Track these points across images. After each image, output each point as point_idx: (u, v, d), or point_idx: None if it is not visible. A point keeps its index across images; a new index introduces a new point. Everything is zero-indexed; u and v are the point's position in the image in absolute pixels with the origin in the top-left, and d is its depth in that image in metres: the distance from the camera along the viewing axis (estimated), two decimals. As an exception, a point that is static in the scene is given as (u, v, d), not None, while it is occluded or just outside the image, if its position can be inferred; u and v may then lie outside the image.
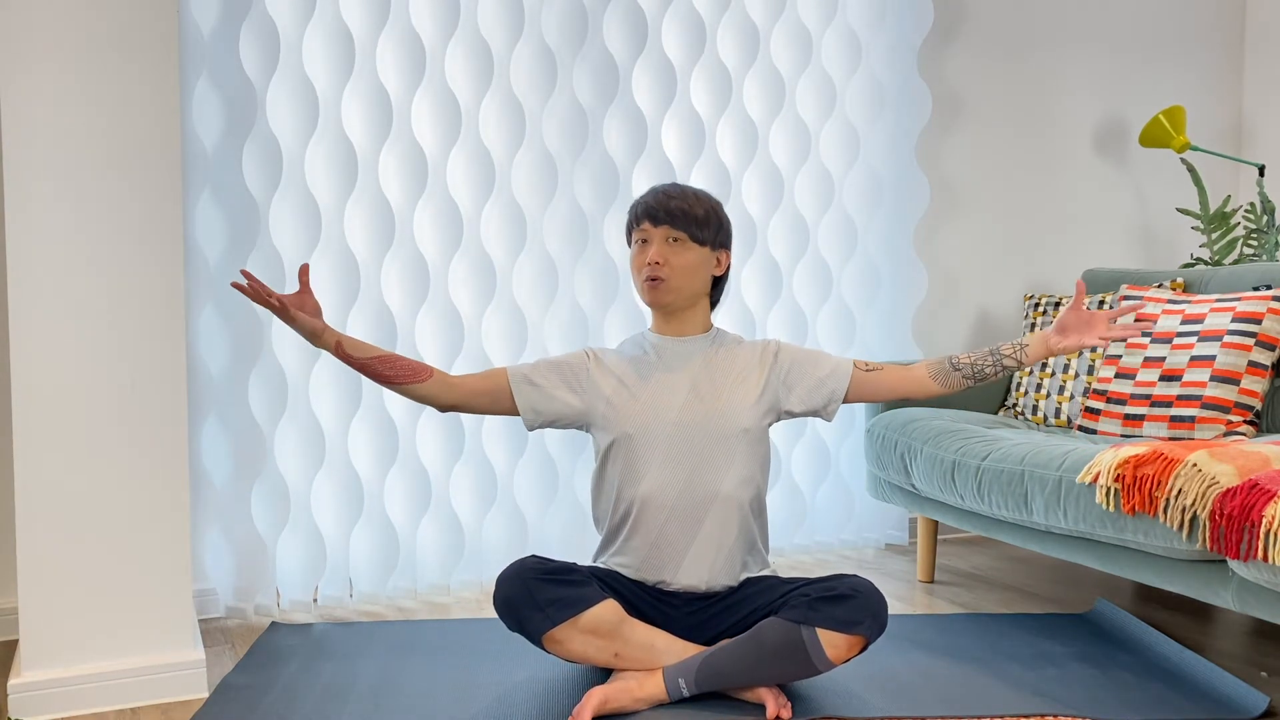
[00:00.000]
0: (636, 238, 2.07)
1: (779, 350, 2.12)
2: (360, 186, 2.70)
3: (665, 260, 2.02)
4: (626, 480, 2.04)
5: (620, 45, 2.94)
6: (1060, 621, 2.49)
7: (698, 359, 2.08)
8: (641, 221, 2.05)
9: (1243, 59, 3.78)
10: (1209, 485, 1.89)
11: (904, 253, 3.25)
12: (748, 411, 2.04)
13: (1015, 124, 3.50)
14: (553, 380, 2.09)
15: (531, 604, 1.91)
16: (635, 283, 2.09)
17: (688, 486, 2.01)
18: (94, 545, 2.02)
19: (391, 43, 2.71)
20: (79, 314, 1.99)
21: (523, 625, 1.93)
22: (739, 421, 2.03)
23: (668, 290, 2.03)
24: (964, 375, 2.09)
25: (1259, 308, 2.52)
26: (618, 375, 2.08)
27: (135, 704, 2.03)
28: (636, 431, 2.02)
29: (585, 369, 2.10)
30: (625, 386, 2.06)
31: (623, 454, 2.04)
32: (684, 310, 2.09)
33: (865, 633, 1.88)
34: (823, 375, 2.09)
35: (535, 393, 2.07)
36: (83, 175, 1.98)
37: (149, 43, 2.02)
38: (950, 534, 3.45)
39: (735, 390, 2.05)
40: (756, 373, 2.09)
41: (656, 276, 2.02)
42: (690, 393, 2.04)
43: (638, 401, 2.04)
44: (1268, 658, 2.26)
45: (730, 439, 2.02)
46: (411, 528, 2.78)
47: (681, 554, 2.01)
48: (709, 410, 2.03)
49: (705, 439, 2.02)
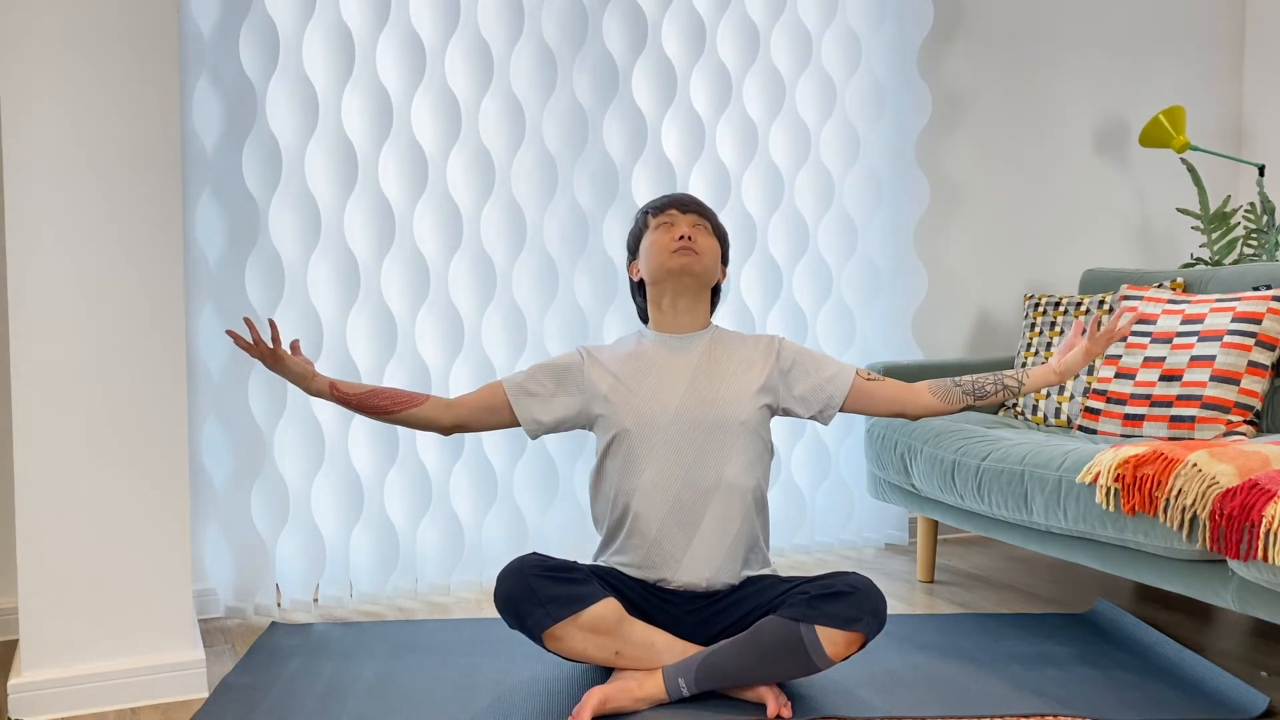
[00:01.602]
0: (658, 222, 2.11)
1: (781, 347, 2.13)
2: (360, 186, 2.70)
3: (695, 237, 2.07)
4: (625, 475, 2.04)
5: (620, 45, 2.93)
6: (1060, 621, 2.49)
7: (697, 355, 2.08)
8: (666, 209, 2.11)
9: (1243, 59, 3.78)
10: (1209, 485, 1.89)
11: (904, 253, 3.25)
12: (747, 403, 2.04)
13: (1015, 124, 3.50)
14: (549, 385, 2.09)
15: (532, 600, 1.91)
16: (654, 258, 2.08)
17: (687, 479, 2.01)
18: (94, 545, 2.02)
19: (391, 43, 2.71)
20: (79, 314, 1.99)
21: (523, 622, 1.93)
22: (738, 414, 2.03)
23: (698, 260, 2.06)
24: (964, 391, 2.09)
25: (1259, 308, 2.52)
26: (614, 372, 2.08)
27: (135, 704, 2.03)
28: (634, 426, 2.03)
29: (580, 368, 2.10)
30: (622, 382, 2.06)
31: (622, 449, 2.04)
32: (692, 299, 2.10)
33: (864, 629, 1.88)
34: (824, 378, 2.10)
35: (534, 402, 2.07)
36: (83, 175, 1.98)
37: (149, 43, 2.02)
38: (950, 534, 3.45)
39: (735, 382, 2.06)
40: (758, 366, 2.09)
41: (688, 246, 2.06)
42: (689, 387, 2.04)
43: (636, 396, 2.04)
44: (1268, 658, 2.26)
45: (730, 430, 2.02)
46: (411, 528, 2.78)
47: (682, 550, 2.01)
48: (708, 402, 2.03)
49: (704, 431, 2.02)
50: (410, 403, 2.02)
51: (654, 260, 2.09)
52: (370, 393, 2.00)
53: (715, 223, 2.15)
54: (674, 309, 2.10)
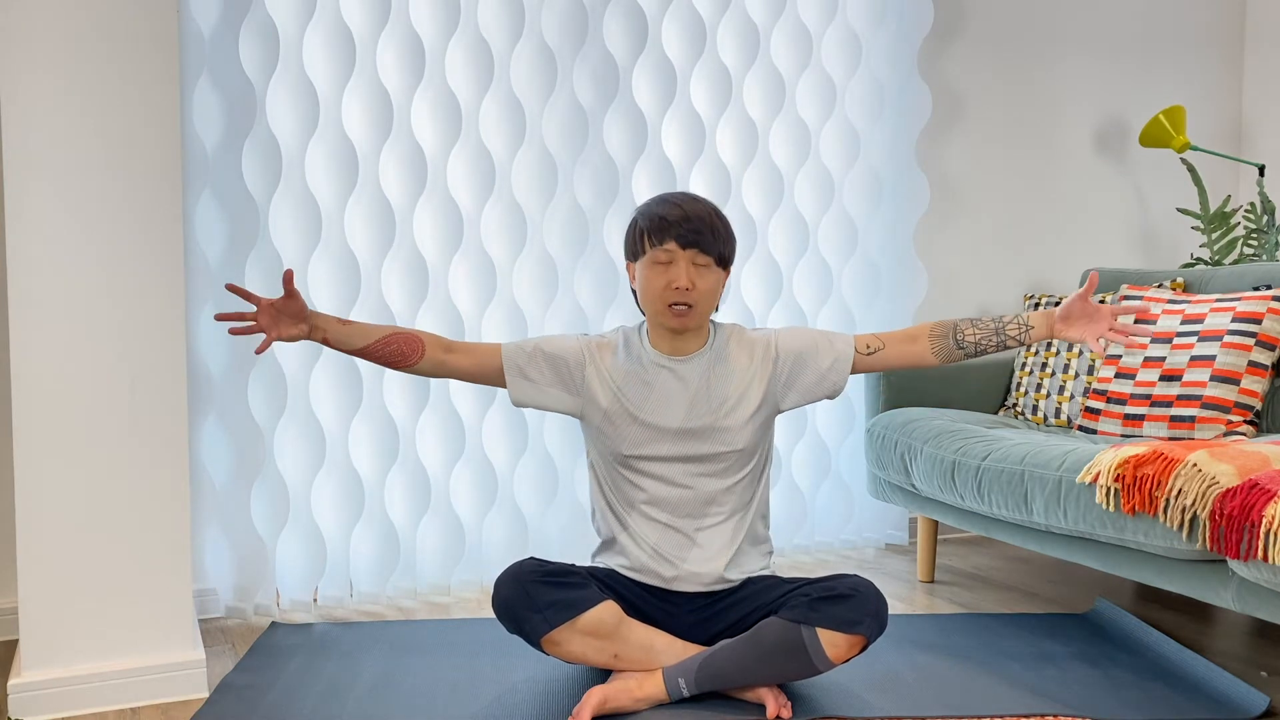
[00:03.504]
0: (656, 256, 1.95)
1: (778, 352, 2.06)
2: (360, 186, 2.70)
3: (693, 285, 1.94)
4: (622, 490, 2.04)
5: (620, 45, 2.93)
6: (1060, 621, 2.49)
7: (696, 378, 2.02)
8: (665, 240, 1.93)
9: (1243, 59, 3.78)
10: (1209, 485, 1.89)
11: (904, 253, 3.25)
12: (746, 426, 2.02)
13: (1015, 124, 3.50)
14: (546, 375, 2.05)
15: (530, 606, 1.91)
16: (649, 300, 1.98)
17: (685, 495, 2.01)
18: (94, 545, 2.02)
19: (391, 43, 2.71)
20: (79, 314, 1.99)
21: (521, 628, 1.93)
22: (737, 440, 2.01)
23: (694, 316, 1.97)
24: (966, 354, 2.08)
25: (1259, 308, 2.52)
26: (616, 386, 2.03)
27: (135, 704, 2.03)
28: (632, 451, 2.01)
29: (582, 369, 2.05)
30: (622, 402, 2.02)
31: (618, 467, 2.04)
32: (692, 331, 2.03)
33: (865, 632, 1.88)
34: (823, 370, 2.06)
35: (528, 385, 2.05)
36: (83, 175, 1.98)
37: (149, 43, 2.01)
38: (950, 534, 3.45)
39: (734, 409, 2.02)
40: (757, 382, 2.04)
41: (684, 305, 1.95)
42: (688, 412, 2.00)
43: (634, 423, 2.01)
44: (1268, 658, 2.26)
45: (729, 454, 2.02)
46: (411, 528, 2.78)
47: (682, 555, 2.01)
48: (706, 429, 2.00)
49: (703, 456, 2.01)
50: (403, 361, 2.00)
51: (649, 305, 1.99)
52: (362, 351, 1.98)
53: (721, 244, 1.96)
54: (671, 337, 2.03)
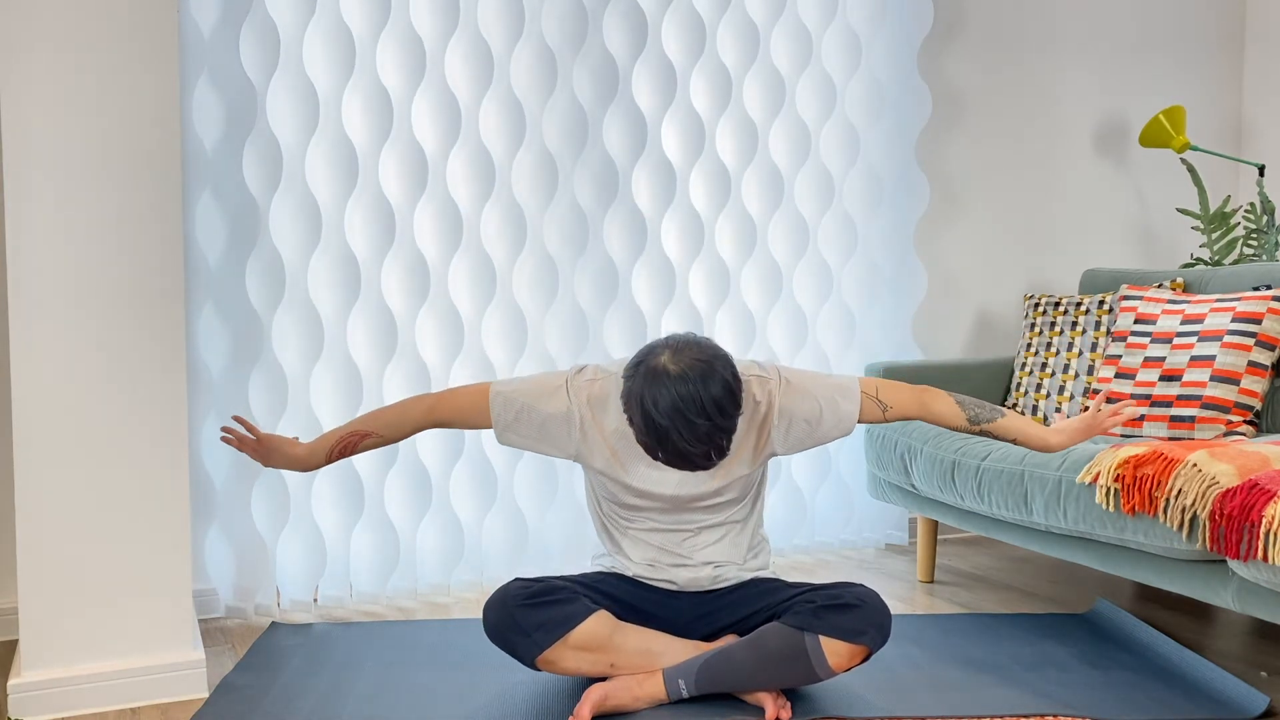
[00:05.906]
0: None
1: (775, 418, 1.94)
2: (360, 186, 2.70)
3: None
4: (617, 522, 2.05)
5: (620, 45, 2.93)
6: (1060, 621, 2.49)
7: None
8: (657, 458, 1.81)
9: (1243, 59, 3.78)
10: (1209, 485, 1.89)
11: (904, 253, 3.25)
12: (739, 484, 1.99)
13: (1015, 124, 3.50)
14: (533, 433, 1.96)
15: (517, 630, 1.90)
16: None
17: (678, 530, 2.02)
18: (94, 545, 2.02)
19: (391, 43, 2.71)
20: (79, 314, 1.99)
21: (514, 651, 1.92)
22: (730, 493, 1.99)
23: None
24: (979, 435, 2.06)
25: (1259, 308, 2.52)
26: (610, 449, 1.96)
27: (135, 704, 2.03)
28: (627, 501, 2.00)
29: (568, 433, 1.95)
30: (614, 471, 1.96)
31: (614, 505, 2.03)
32: None
33: (869, 643, 1.88)
34: (821, 434, 1.97)
35: (517, 439, 1.98)
36: (83, 175, 1.98)
37: (149, 43, 2.02)
38: (950, 534, 3.45)
39: (728, 474, 1.97)
40: (748, 448, 1.97)
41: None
42: (680, 483, 1.96)
43: (628, 489, 1.98)
44: (1268, 658, 2.26)
45: (723, 502, 2.00)
46: (411, 528, 2.78)
47: (681, 565, 2.02)
48: (699, 495, 1.97)
49: (696, 511, 2.00)
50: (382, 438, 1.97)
51: None
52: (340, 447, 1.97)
53: (717, 461, 1.79)
54: None
